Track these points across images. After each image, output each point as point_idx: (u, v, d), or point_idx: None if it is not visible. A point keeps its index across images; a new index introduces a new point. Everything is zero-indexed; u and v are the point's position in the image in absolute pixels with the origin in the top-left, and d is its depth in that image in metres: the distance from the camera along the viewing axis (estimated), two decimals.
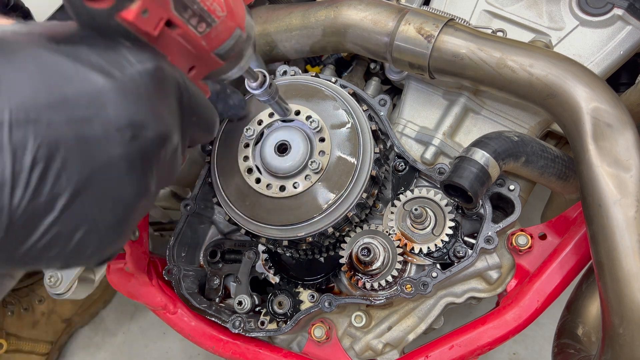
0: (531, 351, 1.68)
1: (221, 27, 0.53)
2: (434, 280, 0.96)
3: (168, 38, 0.48)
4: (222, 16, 0.52)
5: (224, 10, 0.52)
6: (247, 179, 0.90)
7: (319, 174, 0.87)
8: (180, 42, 0.50)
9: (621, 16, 0.96)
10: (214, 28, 0.52)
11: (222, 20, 0.52)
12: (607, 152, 0.77)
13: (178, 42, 0.50)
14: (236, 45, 0.56)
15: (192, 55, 0.53)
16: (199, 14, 0.49)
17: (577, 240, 0.95)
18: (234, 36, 0.55)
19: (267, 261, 1.10)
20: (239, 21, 0.55)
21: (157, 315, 1.12)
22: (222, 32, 0.53)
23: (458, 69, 0.90)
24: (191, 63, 0.55)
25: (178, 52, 0.51)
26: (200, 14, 0.49)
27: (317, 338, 1.05)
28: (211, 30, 0.52)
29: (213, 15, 0.51)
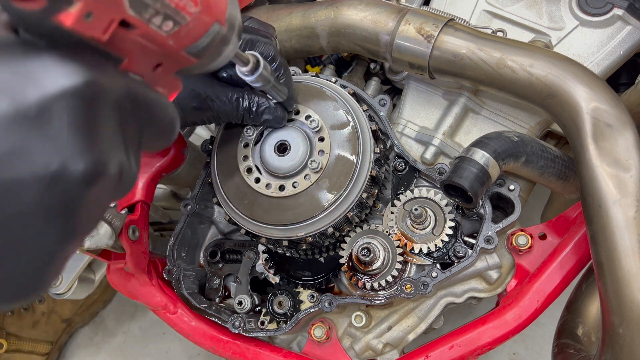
0: (531, 351, 1.68)
1: (193, 24, 0.45)
2: (434, 280, 0.96)
3: (123, 39, 0.40)
4: (195, 12, 0.44)
5: (198, 4, 0.44)
6: (246, 179, 0.90)
7: (318, 173, 0.87)
8: (140, 42, 0.42)
9: (621, 16, 0.96)
10: (184, 26, 0.44)
11: (194, 16, 0.44)
12: (607, 152, 0.77)
13: (137, 43, 0.42)
14: (213, 42, 0.48)
15: (157, 54, 0.45)
16: (164, 12, 0.41)
17: (577, 240, 0.95)
18: (211, 32, 0.47)
19: (267, 261, 1.10)
20: (217, 15, 0.47)
21: (157, 315, 1.12)
22: (195, 29, 0.45)
23: (458, 69, 0.90)
24: (157, 61, 0.46)
25: (138, 52, 0.43)
26: (165, 12, 0.41)
27: (317, 338, 1.06)
28: (180, 28, 0.44)
29: (183, 12, 0.43)
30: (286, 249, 0.98)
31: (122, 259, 1.05)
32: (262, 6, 1.14)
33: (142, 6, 0.38)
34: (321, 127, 0.89)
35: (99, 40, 0.38)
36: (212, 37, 0.48)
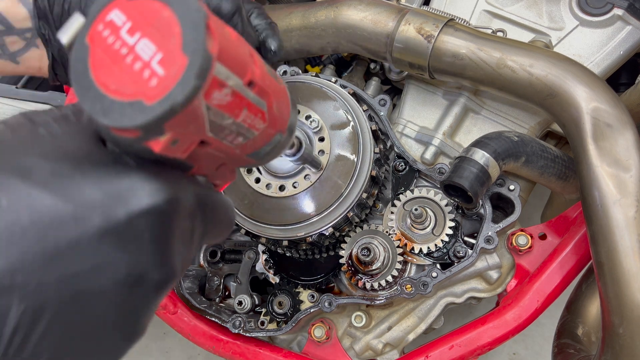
0: (531, 351, 1.68)
1: (260, 136, 0.47)
2: (434, 280, 0.96)
3: (197, 153, 0.43)
4: (263, 127, 0.46)
5: (266, 121, 0.46)
6: (246, 179, 0.90)
7: (318, 173, 0.87)
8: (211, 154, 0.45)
9: (621, 16, 0.96)
10: (251, 139, 0.46)
11: (261, 131, 0.46)
12: (607, 152, 0.77)
13: (208, 154, 0.45)
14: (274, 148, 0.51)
15: (222, 159, 0.48)
16: (237, 131, 0.43)
17: (577, 240, 0.95)
18: (273, 142, 0.50)
19: (267, 261, 1.10)
20: (280, 127, 0.50)
21: (157, 315, 1.12)
22: (260, 140, 0.48)
23: (458, 69, 0.90)
24: (221, 162, 0.49)
25: (207, 160, 0.46)
26: (238, 131, 0.43)
27: (317, 338, 1.06)
28: (248, 141, 0.46)
29: (252, 130, 0.45)
30: (286, 249, 0.98)
31: None
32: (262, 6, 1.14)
33: (220, 129, 0.41)
34: (321, 127, 0.89)
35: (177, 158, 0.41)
36: (273, 145, 0.51)
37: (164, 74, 0.34)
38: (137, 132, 0.36)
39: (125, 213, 0.37)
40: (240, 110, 0.42)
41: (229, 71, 0.38)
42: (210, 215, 0.48)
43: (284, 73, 1.05)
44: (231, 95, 0.39)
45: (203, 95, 0.36)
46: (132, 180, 0.39)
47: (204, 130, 0.40)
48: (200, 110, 0.37)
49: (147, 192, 0.39)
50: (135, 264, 0.38)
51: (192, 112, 0.36)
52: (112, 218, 0.37)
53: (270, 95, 0.46)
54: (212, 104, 0.38)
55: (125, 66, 0.35)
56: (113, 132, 0.36)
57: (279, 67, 1.06)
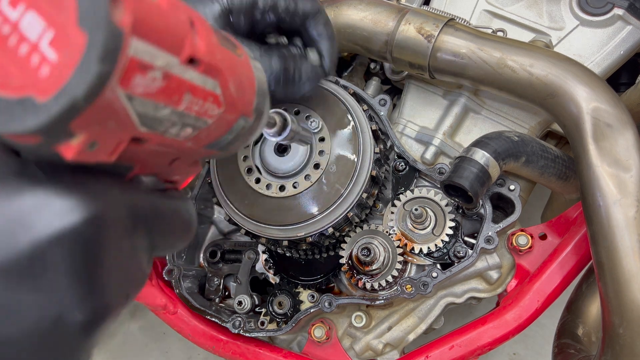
0: (531, 351, 1.68)
1: (216, 124, 0.39)
2: (434, 280, 0.96)
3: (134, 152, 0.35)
4: (218, 113, 0.38)
5: (222, 105, 0.38)
6: (247, 179, 0.90)
7: (318, 174, 0.87)
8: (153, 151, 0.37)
9: (621, 16, 0.96)
10: (205, 129, 0.38)
11: (217, 117, 0.38)
12: (607, 152, 0.77)
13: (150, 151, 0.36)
14: (239, 135, 0.43)
15: (172, 154, 0.40)
16: (182, 122, 0.35)
17: (577, 241, 0.95)
18: (235, 128, 0.42)
19: (267, 261, 1.10)
20: (242, 109, 0.41)
21: (157, 315, 1.12)
22: (218, 128, 0.40)
23: (458, 69, 0.90)
24: (172, 158, 0.41)
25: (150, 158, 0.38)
26: (183, 122, 0.35)
27: (317, 338, 1.05)
28: (200, 131, 0.38)
29: (204, 117, 0.37)
30: (286, 249, 0.98)
31: None
32: None
33: (155, 122, 0.33)
34: (321, 127, 0.89)
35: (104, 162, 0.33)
36: (236, 133, 0.43)
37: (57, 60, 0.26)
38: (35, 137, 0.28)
39: (29, 241, 0.30)
40: (180, 96, 0.33)
41: (154, 48, 0.30)
42: (158, 224, 0.40)
43: None
44: (163, 79, 0.31)
45: (118, 82, 0.28)
46: (38, 198, 0.30)
47: (133, 126, 0.32)
48: (117, 103, 0.29)
49: (57, 211, 0.30)
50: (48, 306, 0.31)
51: (105, 106, 0.28)
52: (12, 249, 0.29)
53: (223, 73, 0.37)
54: (136, 92, 0.30)
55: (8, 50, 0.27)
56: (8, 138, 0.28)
57: None
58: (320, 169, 0.87)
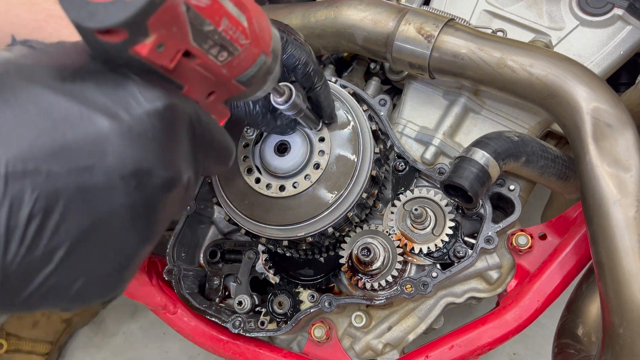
0: (531, 351, 1.68)
1: (244, 54, 0.49)
2: (434, 280, 0.96)
3: (186, 68, 0.45)
4: (246, 44, 0.48)
5: (248, 37, 0.48)
6: (247, 179, 0.90)
7: (318, 174, 0.87)
8: (199, 71, 0.47)
9: (621, 16, 0.96)
10: (237, 56, 0.48)
11: (245, 47, 0.49)
12: (607, 152, 0.77)
13: (197, 71, 0.47)
14: (260, 71, 0.53)
15: (211, 82, 0.50)
16: (220, 43, 0.45)
17: (577, 240, 0.95)
18: (258, 63, 0.52)
19: (267, 261, 1.10)
20: (263, 47, 0.52)
21: (157, 315, 1.12)
22: (245, 59, 0.50)
23: (458, 69, 0.90)
24: (211, 89, 0.51)
25: (196, 80, 0.48)
26: (221, 44, 0.46)
27: (317, 338, 1.05)
28: (233, 58, 0.48)
29: (236, 44, 0.47)
30: (286, 249, 0.98)
31: None
32: (262, 6, 1.14)
33: (203, 38, 0.43)
34: (321, 127, 0.89)
35: (166, 68, 0.43)
36: (259, 67, 0.52)
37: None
38: (124, 32, 0.37)
39: (129, 115, 0.40)
40: (220, 18, 0.44)
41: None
42: (208, 135, 0.50)
43: None
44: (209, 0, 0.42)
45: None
46: (132, 87, 0.42)
47: (187, 37, 0.42)
48: (179, 9, 0.39)
49: (147, 97, 0.42)
50: (140, 161, 0.40)
51: (172, 8, 0.38)
52: (117, 118, 0.40)
53: (249, 11, 0.48)
54: (191, 3, 0.40)
55: None
56: (102, 39, 0.37)
57: None
58: (320, 169, 0.87)
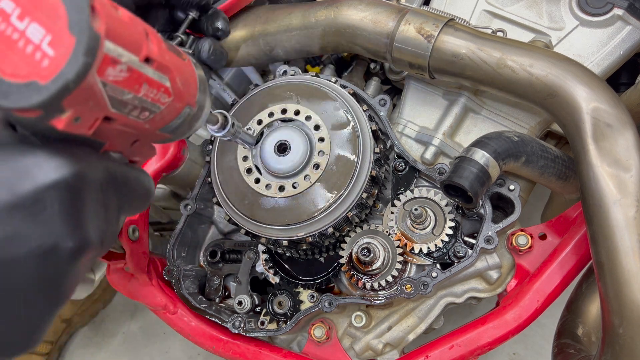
0: (531, 351, 1.68)
1: (167, 110, 0.50)
2: (434, 280, 0.96)
3: (105, 130, 0.46)
4: (168, 101, 0.50)
5: (171, 95, 0.50)
6: (246, 179, 0.90)
7: (318, 174, 0.87)
8: (119, 130, 0.48)
9: (621, 16, 0.96)
10: (159, 113, 0.50)
11: (168, 104, 0.50)
12: (607, 152, 0.77)
13: (117, 130, 0.48)
14: (185, 121, 0.55)
15: (134, 135, 0.52)
16: (141, 106, 0.46)
17: (577, 240, 0.95)
18: (182, 115, 0.53)
19: (267, 261, 1.10)
20: (187, 100, 0.53)
21: (157, 315, 1.12)
22: (168, 114, 0.51)
23: (458, 69, 0.90)
24: (134, 139, 0.53)
25: (118, 136, 0.49)
26: (142, 106, 0.47)
27: (317, 338, 1.05)
28: (155, 115, 0.49)
29: (157, 104, 0.48)
30: (286, 249, 0.98)
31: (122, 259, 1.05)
32: (262, 6, 1.14)
33: (122, 105, 0.44)
34: (321, 127, 0.89)
35: (84, 135, 0.44)
36: (183, 118, 0.54)
37: (54, 55, 0.37)
38: (37, 111, 0.38)
39: (32, 187, 0.40)
40: (140, 86, 0.45)
41: (121, 49, 0.41)
42: (125, 189, 0.52)
43: (284, 73, 1.05)
44: (127, 72, 0.42)
45: (96, 71, 0.39)
46: (38, 157, 0.42)
47: (106, 107, 0.43)
48: (95, 87, 0.40)
49: (52, 166, 0.42)
50: (46, 235, 0.41)
51: (88, 88, 0.39)
52: (19, 192, 0.40)
53: (172, 71, 0.49)
54: (108, 80, 0.41)
55: (18, 50, 0.37)
56: (16, 113, 0.39)
57: (279, 67, 1.06)
58: (320, 169, 0.87)
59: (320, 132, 0.89)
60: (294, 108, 0.91)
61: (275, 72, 1.06)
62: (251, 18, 1.11)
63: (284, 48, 1.10)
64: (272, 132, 0.90)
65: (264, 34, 1.09)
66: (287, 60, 1.18)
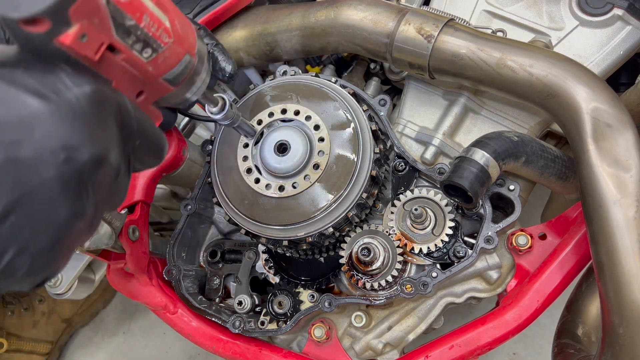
0: (531, 351, 1.68)
1: (168, 52, 0.52)
2: (434, 280, 0.96)
3: (111, 63, 0.47)
4: (169, 42, 0.51)
5: (171, 36, 0.51)
6: (246, 179, 0.90)
7: (318, 174, 0.87)
8: (124, 67, 0.49)
9: (621, 16, 0.96)
10: (161, 54, 0.51)
11: (169, 46, 0.51)
12: (607, 152, 0.77)
13: (122, 67, 0.49)
14: (186, 71, 0.56)
15: (139, 80, 0.52)
16: (144, 39, 0.48)
17: (577, 240, 0.95)
18: (183, 62, 0.54)
19: (267, 261, 1.10)
20: (187, 47, 0.54)
21: (157, 315, 1.12)
22: (170, 57, 0.53)
23: (458, 69, 0.90)
24: (139, 88, 0.54)
25: (123, 76, 0.50)
26: (144, 40, 0.48)
27: (317, 338, 1.05)
28: (158, 55, 0.51)
29: (159, 41, 0.50)
30: (286, 249, 0.98)
31: (122, 259, 1.05)
32: (262, 6, 1.14)
33: (125, 33, 0.46)
34: (321, 127, 0.89)
35: (91, 60, 0.45)
36: (184, 66, 0.55)
37: None
38: (47, 22, 0.40)
39: (57, 96, 0.43)
40: (142, 14, 0.47)
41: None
42: (138, 126, 0.53)
43: (284, 73, 1.05)
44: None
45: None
46: (61, 74, 0.45)
47: (110, 30, 0.44)
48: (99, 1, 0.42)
49: (75, 82, 0.45)
50: (68, 136, 0.43)
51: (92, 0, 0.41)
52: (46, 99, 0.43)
53: (170, 12, 0.51)
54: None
55: None
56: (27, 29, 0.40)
57: (279, 67, 1.06)
58: (319, 169, 0.87)
59: (320, 132, 0.89)
60: (294, 108, 0.91)
61: (276, 72, 1.06)
62: (251, 18, 1.11)
63: (284, 48, 1.10)
64: (272, 132, 0.90)
65: (264, 34, 1.09)
66: (287, 60, 1.18)
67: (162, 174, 1.08)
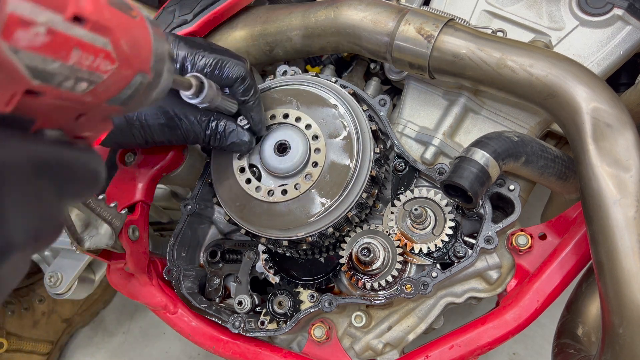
0: (531, 351, 1.68)
1: (112, 79, 0.43)
2: (434, 280, 0.96)
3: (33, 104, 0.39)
4: (112, 69, 0.42)
5: (115, 61, 0.42)
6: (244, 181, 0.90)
7: (318, 172, 0.87)
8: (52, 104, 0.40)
9: (621, 16, 0.96)
10: (101, 83, 0.42)
11: (112, 72, 0.42)
12: (607, 152, 0.77)
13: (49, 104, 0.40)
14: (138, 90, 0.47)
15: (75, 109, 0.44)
16: (75, 76, 0.39)
17: (577, 240, 0.95)
18: (133, 83, 0.46)
19: (267, 261, 1.10)
20: (138, 66, 0.45)
21: (157, 315, 1.12)
22: (115, 83, 0.44)
23: (458, 69, 0.90)
24: (77, 113, 0.45)
25: (52, 111, 0.42)
26: (76, 76, 0.39)
27: (317, 338, 1.05)
28: (97, 85, 0.42)
29: (97, 72, 0.41)
30: (286, 249, 0.98)
31: (122, 259, 1.05)
32: (262, 6, 1.14)
33: (47, 76, 0.37)
34: (320, 127, 0.89)
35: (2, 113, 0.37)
36: (135, 88, 0.46)
37: None
38: None
39: None
40: (69, 52, 0.37)
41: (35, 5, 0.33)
42: (64, 172, 0.46)
43: (284, 73, 1.05)
44: (47, 34, 0.35)
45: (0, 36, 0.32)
46: None
47: (24, 79, 0.35)
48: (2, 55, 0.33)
49: None
50: None
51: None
52: None
53: (114, 31, 0.41)
54: (20, 45, 0.33)
55: None
56: None
57: (279, 67, 1.06)
58: (319, 167, 0.87)
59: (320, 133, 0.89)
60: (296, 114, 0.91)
61: (276, 72, 1.06)
62: (251, 18, 1.11)
63: (284, 48, 1.10)
64: (272, 132, 0.90)
65: (264, 34, 1.09)
66: (287, 60, 1.18)
67: (162, 174, 1.08)
